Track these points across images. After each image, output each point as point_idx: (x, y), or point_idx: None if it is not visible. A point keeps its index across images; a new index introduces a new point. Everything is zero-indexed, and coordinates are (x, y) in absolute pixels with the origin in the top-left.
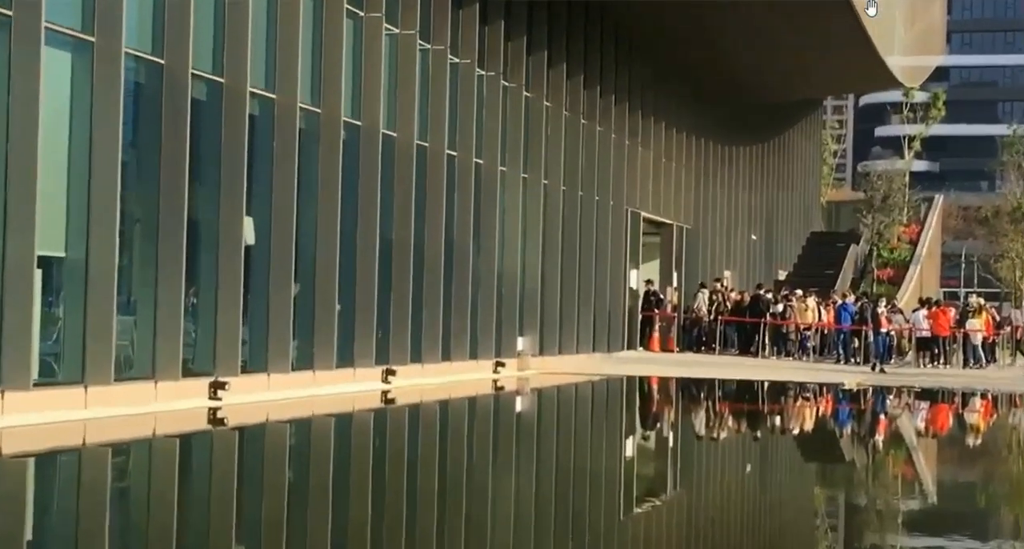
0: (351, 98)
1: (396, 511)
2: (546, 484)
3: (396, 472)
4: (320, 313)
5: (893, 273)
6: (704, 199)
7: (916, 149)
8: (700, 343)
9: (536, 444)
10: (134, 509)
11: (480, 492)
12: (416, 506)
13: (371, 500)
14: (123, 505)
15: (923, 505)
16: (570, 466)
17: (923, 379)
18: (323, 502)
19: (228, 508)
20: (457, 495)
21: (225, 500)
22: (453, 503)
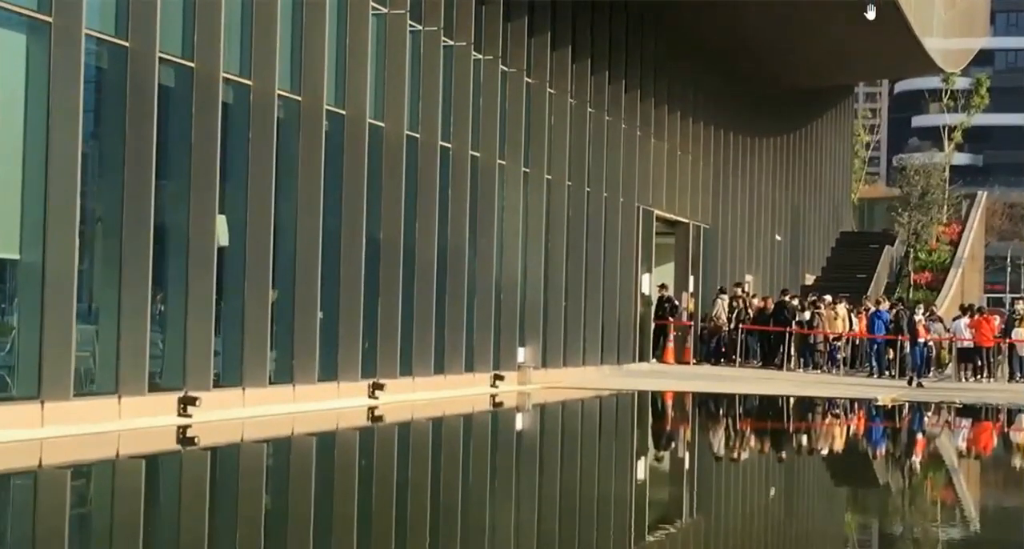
0: (335, 84)
1: (383, 543)
2: (549, 512)
3: (383, 498)
4: (300, 321)
5: (932, 277)
6: (724, 196)
7: (957, 141)
8: (719, 354)
9: (538, 467)
10: (94, 538)
11: (476, 521)
12: (405, 537)
13: (355, 529)
14: (83, 533)
15: (964, 534)
16: (576, 492)
17: (965, 394)
18: (302, 531)
19: (198, 538)
20: (451, 524)
21: (195, 529)
22: (446, 533)
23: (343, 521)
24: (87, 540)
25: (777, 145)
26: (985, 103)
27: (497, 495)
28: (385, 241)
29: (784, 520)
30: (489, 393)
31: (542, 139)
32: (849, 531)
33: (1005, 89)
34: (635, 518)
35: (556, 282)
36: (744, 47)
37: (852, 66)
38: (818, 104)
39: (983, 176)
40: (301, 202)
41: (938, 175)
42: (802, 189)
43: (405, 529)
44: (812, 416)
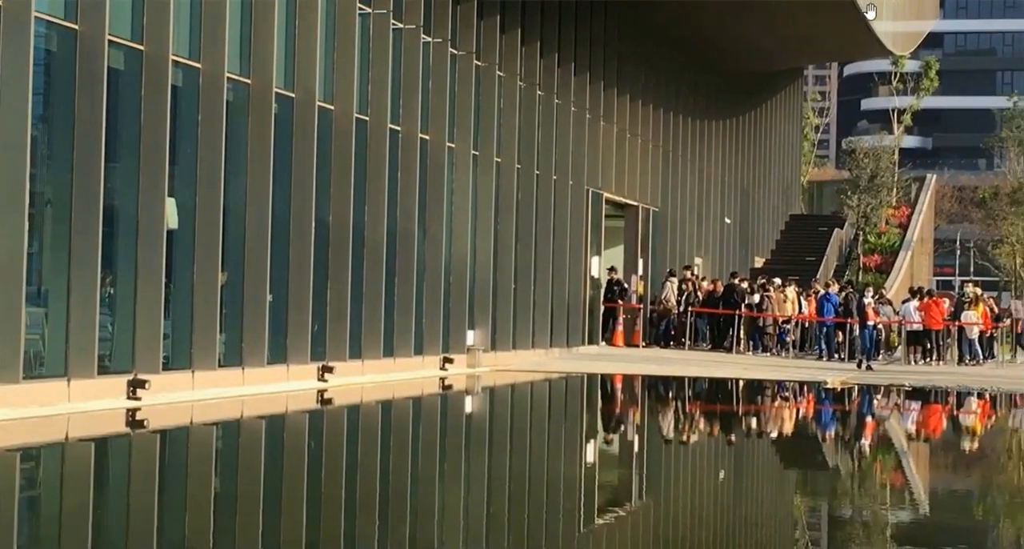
0: (284, 67)
1: (331, 526)
2: (498, 495)
3: (331, 481)
4: (250, 304)
5: (881, 260)
6: (673, 179)
7: (906, 123)
8: (668, 337)
9: (487, 450)
10: (43, 521)
11: (425, 504)
12: (354, 520)
13: (305, 512)
14: (31, 516)
15: (913, 517)
16: (525, 474)
17: (914, 377)
18: (251, 514)
19: (147, 521)
20: (400, 507)
21: (144, 512)
22: (395, 516)
23: (292, 504)
24: (35, 523)
25: (727, 128)
26: (934, 86)
27: (447, 478)
28: (335, 224)
29: (733, 503)
30: (438, 376)
31: (492, 122)
32: (798, 514)
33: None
34: (584, 501)
35: (505, 265)
36: (694, 30)
37: (802, 49)
38: (768, 87)
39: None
40: (250, 185)
41: (887, 158)
42: (751, 172)
43: (355, 512)
44: (761, 399)
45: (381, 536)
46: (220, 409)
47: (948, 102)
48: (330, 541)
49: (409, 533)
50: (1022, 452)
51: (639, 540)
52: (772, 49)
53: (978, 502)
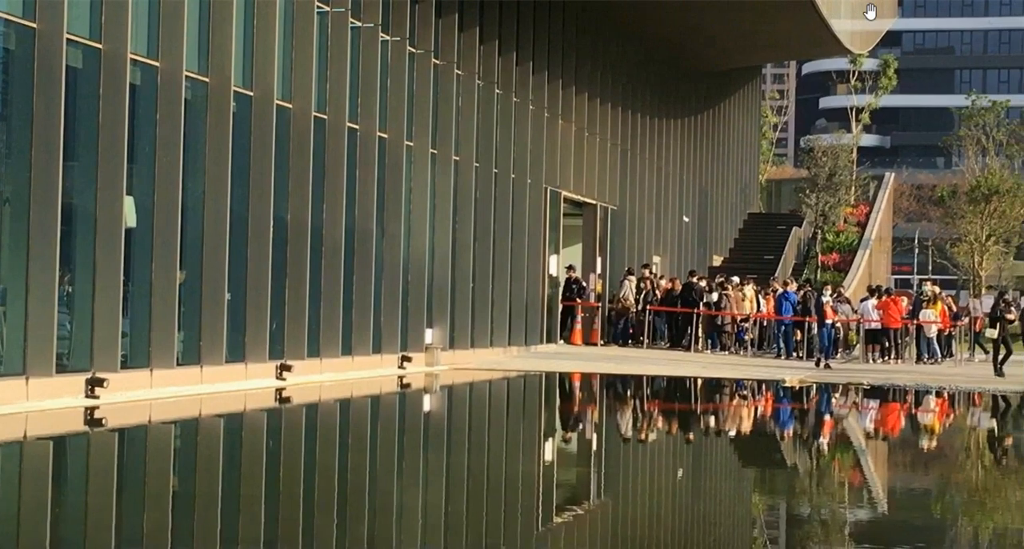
0: (242, 65)
1: (289, 524)
2: (456, 493)
3: (289, 479)
4: (208, 303)
5: (839, 259)
6: (631, 177)
7: (865, 122)
8: (627, 336)
9: (446, 449)
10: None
11: (383, 503)
12: (312, 518)
13: (263, 510)
14: None
15: (871, 515)
16: (483, 473)
17: (872, 375)
18: (209, 512)
19: (104, 519)
20: (358, 506)
21: (101, 510)
22: (353, 515)
23: (250, 502)
24: None
25: (685, 126)
26: (893, 84)
27: (405, 476)
28: (293, 222)
29: (691, 501)
30: (397, 374)
31: (450, 120)
32: (756, 512)
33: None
34: (542, 499)
35: (464, 263)
36: (652, 29)
37: (760, 47)
38: (726, 85)
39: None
40: (209, 183)
41: (846, 156)
42: (710, 170)
43: (312, 510)
44: (720, 397)
45: (339, 535)
46: (178, 407)
47: (906, 100)
48: (288, 540)
49: (367, 532)
50: (980, 450)
51: (597, 539)
52: (730, 47)
53: (936, 500)
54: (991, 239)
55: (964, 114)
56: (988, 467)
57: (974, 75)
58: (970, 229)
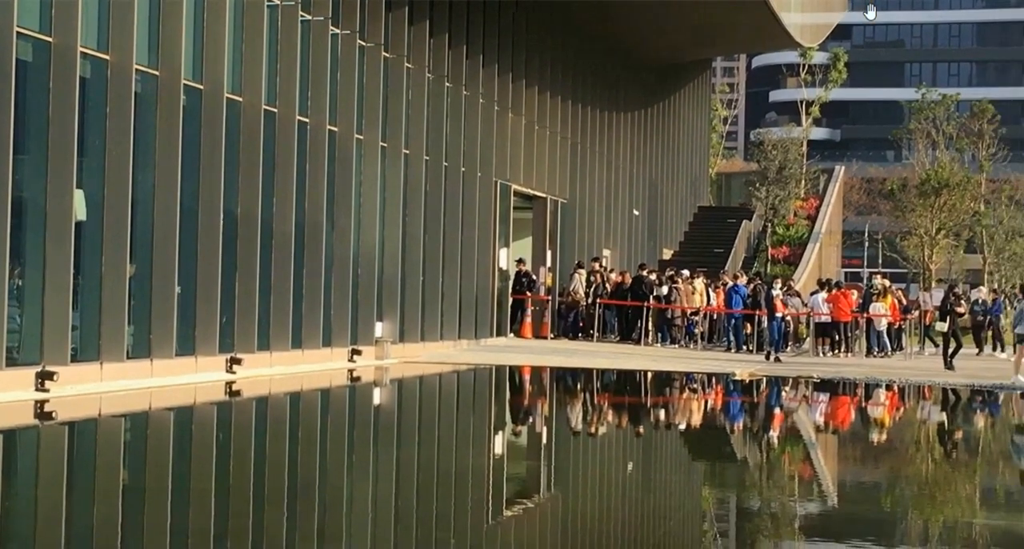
0: (192, 59)
1: (239, 518)
2: (406, 487)
3: (238, 473)
4: (158, 296)
5: (789, 252)
6: (581, 170)
7: (815, 115)
8: (577, 329)
9: (395, 442)
10: None
11: (333, 496)
12: (262, 511)
13: (213, 503)
14: None
15: (821, 508)
16: (433, 467)
17: (822, 369)
18: (158, 506)
19: (54, 512)
20: (307, 499)
21: (50, 503)
22: (304, 508)
23: (200, 495)
24: None
25: (635, 120)
26: (843, 78)
27: (354, 470)
28: (243, 215)
29: (641, 495)
30: (347, 368)
31: (400, 113)
32: (706, 505)
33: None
34: (492, 493)
35: (414, 257)
36: (602, 21)
37: (710, 41)
38: (676, 79)
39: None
40: (159, 177)
41: (796, 150)
42: (660, 164)
43: (262, 504)
44: (670, 391)
45: (289, 528)
46: (128, 401)
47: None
48: (238, 533)
49: (317, 525)
50: (929, 443)
51: (547, 532)
52: (680, 41)
53: (885, 493)
54: (941, 232)
55: (914, 107)
56: (937, 460)
57: (924, 68)
58: (920, 222)
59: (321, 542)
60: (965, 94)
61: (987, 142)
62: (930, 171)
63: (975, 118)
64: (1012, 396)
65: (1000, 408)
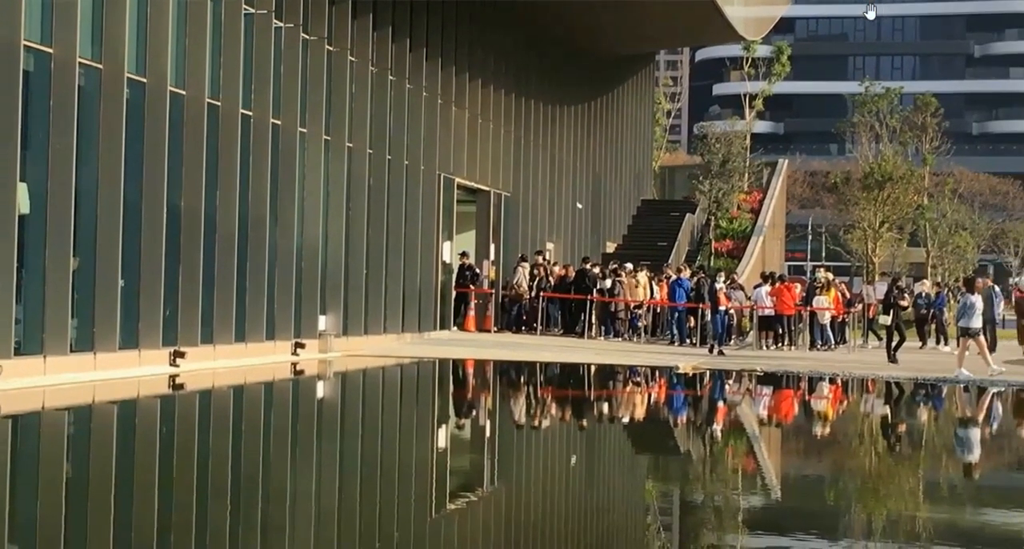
0: (136, 52)
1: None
2: (349, 480)
3: (181, 466)
4: (102, 290)
5: (733, 245)
6: (525, 164)
7: (758, 108)
8: (520, 322)
9: (339, 435)
10: None
11: (276, 490)
12: (204, 506)
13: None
14: None
15: (764, 501)
16: (376, 460)
17: (766, 362)
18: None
19: None
20: (250, 493)
21: None
22: (246, 502)
23: (143, 489)
24: None
25: (578, 113)
26: (786, 71)
27: (297, 463)
28: (186, 209)
29: (584, 488)
30: (290, 361)
31: (343, 107)
32: (649, 499)
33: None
34: (436, 487)
35: (357, 250)
36: (546, 14)
37: (654, 34)
38: (619, 72)
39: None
40: (102, 170)
41: (739, 143)
42: (603, 157)
43: (205, 497)
44: (613, 384)
45: (233, 522)
46: (72, 394)
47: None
48: (181, 526)
49: (260, 519)
50: (873, 436)
51: (491, 525)
52: (623, 34)
53: (829, 486)
54: (884, 226)
55: (857, 101)
56: (881, 453)
57: (867, 62)
58: (863, 216)
59: (263, 535)
60: (908, 87)
61: (930, 135)
62: (873, 164)
63: (918, 111)
64: (955, 389)
65: (943, 401)
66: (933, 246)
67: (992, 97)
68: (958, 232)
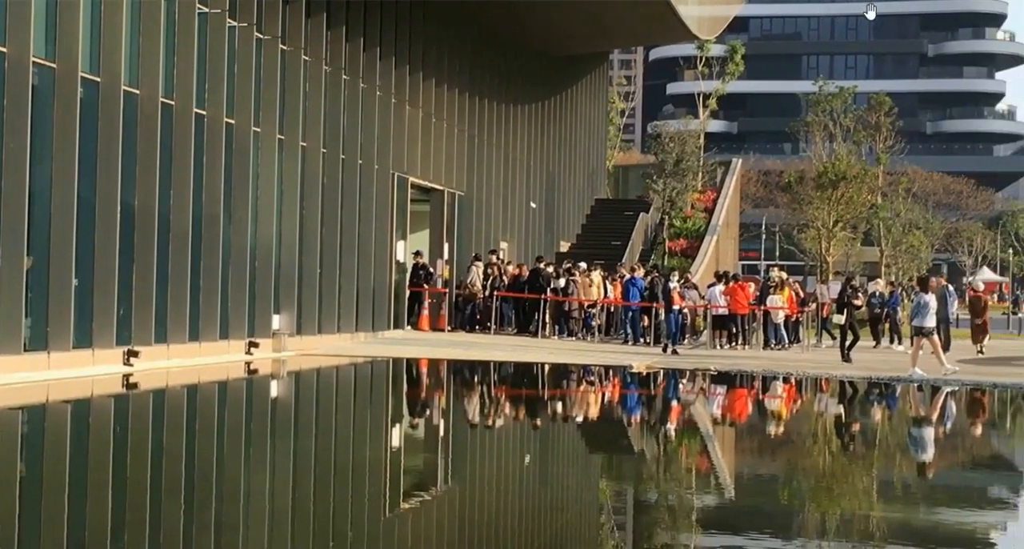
0: (89, 51)
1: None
2: (303, 480)
3: (135, 465)
4: (55, 289)
5: (686, 244)
6: (478, 163)
7: (712, 108)
8: (474, 322)
9: (292, 435)
10: None
11: (230, 489)
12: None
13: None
14: None
15: (718, 500)
16: (330, 459)
17: (719, 361)
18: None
19: None
20: (204, 492)
21: None
22: (200, 501)
23: (96, 488)
24: None
25: (532, 112)
26: (740, 70)
27: (251, 462)
28: (140, 208)
29: (538, 487)
30: (244, 360)
31: (297, 106)
32: (603, 498)
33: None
34: (389, 486)
35: (311, 249)
36: (499, 13)
37: (607, 33)
38: (573, 71)
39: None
40: (56, 169)
41: (693, 142)
42: (557, 156)
43: (159, 496)
44: (567, 383)
45: (186, 521)
46: (25, 394)
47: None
48: (134, 525)
49: (213, 518)
50: (827, 436)
51: (444, 524)
52: (578, 33)
53: (783, 486)
54: (838, 225)
55: (811, 100)
56: (835, 453)
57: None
58: (817, 215)
59: (216, 534)
60: (862, 87)
61: (884, 135)
62: (827, 164)
63: (872, 111)
64: (909, 388)
65: (897, 401)
66: (887, 245)
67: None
68: (912, 231)
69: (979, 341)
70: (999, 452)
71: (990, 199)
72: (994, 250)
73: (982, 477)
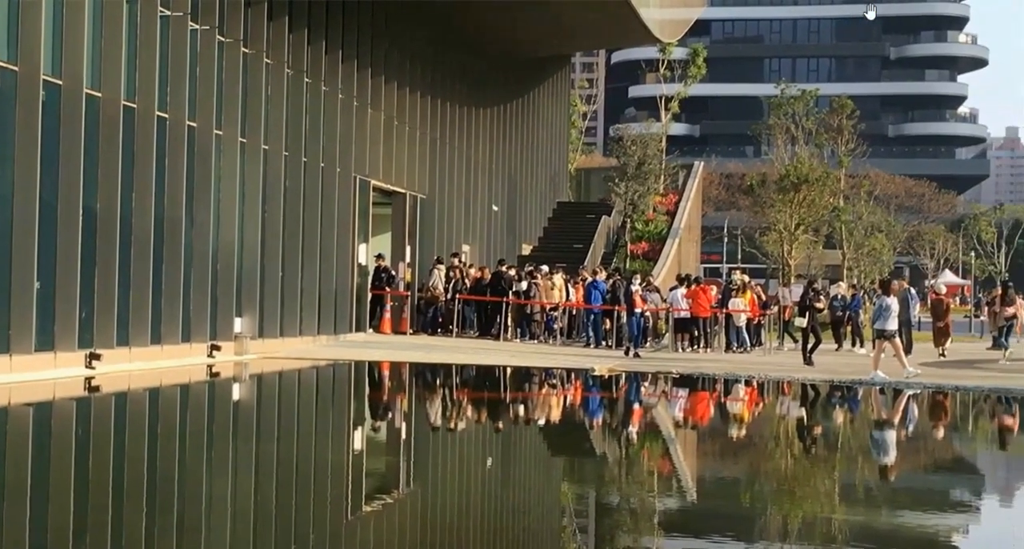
0: (51, 54)
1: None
2: (264, 483)
3: (97, 469)
4: (17, 291)
5: (648, 247)
6: (440, 166)
7: (674, 111)
8: (436, 325)
9: (254, 438)
10: None
11: (191, 492)
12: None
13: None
14: None
15: (680, 503)
16: (291, 462)
17: (681, 364)
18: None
19: None
20: (167, 495)
21: None
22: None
23: (58, 492)
24: None
25: (494, 115)
26: (702, 73)
27: (211, 465)
28: (102, 211)
29: (500, 490)
30: (206, 363)
31: (259, 109)
32: (565, 501)
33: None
34: (351, 489)
35: (273, 252)
36: (462, 16)
37: (569, 36)
38: (535, 74)
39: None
40: (18, 172)
41: (655, 145)
42: (519, 159)
43: (121, 500)
44: (529, 386)
45: (148, 524)
46: None
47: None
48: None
49: (176, 521)
50: (789, 438)
51: (407, 527)
52: (539, 36)
53: (745, 489)
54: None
55: (773, 103)
56: (797, 456)
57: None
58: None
59: (178, 537)
60: (824, 90)
61: (846, 138)
62: (789, 167)
63: (834, 114)
64: (871, 391)
65: (859, 403)
66: (849, 248)
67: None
68: (874, 234)
69: (941, 344)
70: (960, 455)
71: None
72: (956, 253)
73: (943, 480)
